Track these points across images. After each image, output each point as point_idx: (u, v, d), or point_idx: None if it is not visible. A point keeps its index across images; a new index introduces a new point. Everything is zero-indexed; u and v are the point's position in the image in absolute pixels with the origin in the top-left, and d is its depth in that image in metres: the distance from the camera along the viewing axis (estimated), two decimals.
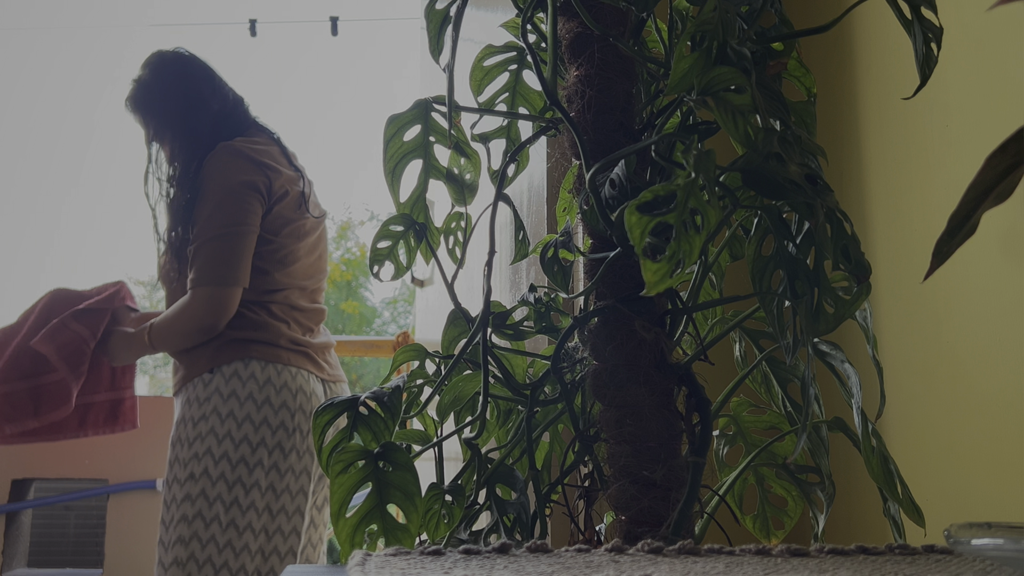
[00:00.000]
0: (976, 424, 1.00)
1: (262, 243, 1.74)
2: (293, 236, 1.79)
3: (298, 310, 1.80)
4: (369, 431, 0.72)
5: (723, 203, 0.64)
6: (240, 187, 1.70)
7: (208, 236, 1.68)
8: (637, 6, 0.70)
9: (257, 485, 1.65)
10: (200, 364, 1.71)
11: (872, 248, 1.20)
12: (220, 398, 1.68)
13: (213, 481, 1.64)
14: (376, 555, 0.55)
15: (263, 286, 1.75)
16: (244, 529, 1.64)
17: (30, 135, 32.61)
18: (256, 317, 1.73)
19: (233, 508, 1.64)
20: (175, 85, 1.82)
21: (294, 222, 1.78)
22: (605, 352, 0.68)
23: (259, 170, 1.73)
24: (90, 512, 3.58)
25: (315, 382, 1.78)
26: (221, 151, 1.73)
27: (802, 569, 0.51)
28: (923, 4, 0.68)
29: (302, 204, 1.80)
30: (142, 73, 1.84)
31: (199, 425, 1.67)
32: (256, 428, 1.67)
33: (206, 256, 1.68)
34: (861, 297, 0.63)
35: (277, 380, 1.71)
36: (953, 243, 0.48)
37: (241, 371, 1.69)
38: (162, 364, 16.26)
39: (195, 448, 1.66)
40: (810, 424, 0.73)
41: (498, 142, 0.85)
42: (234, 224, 1.68)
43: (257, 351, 1.71)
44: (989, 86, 1.00)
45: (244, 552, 1.63)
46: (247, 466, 1.65)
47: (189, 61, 1.86)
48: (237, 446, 1.66)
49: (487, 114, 0.81)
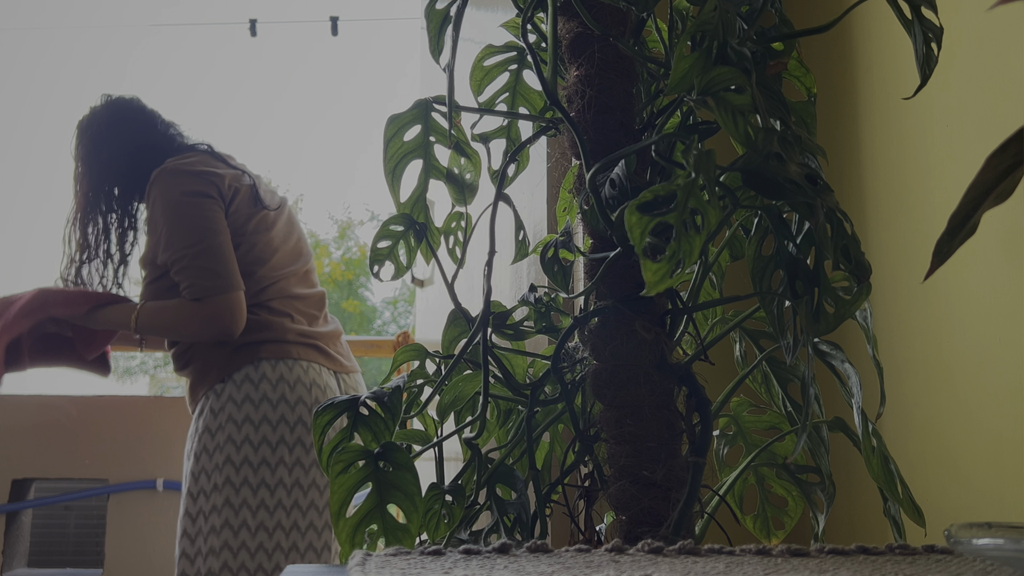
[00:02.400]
0: (976, 424, 1.00)
1: (235, 246, 1.74)
2: (260, 229, 1.78)
3: (296, 298, 1.80)
4: (369, 431, 0.72)
5: (723, 203, 0.64)
6: (192, 198, 1.70)
7: (184, 254, 1.67)
8: (637, 6, 0.70)
9: (282, 484, 1.66)
10: (212, 376, 1.71)
11: (872, 248, 1.20)
12: (234, 405, 1.68)
13: (237, 488, 1.64)
14: (376, 555, 0.55)
15: (253, 287, 1.74)
16: (274, 530, 1.64)
17: (30, 135, 32.60)
18: (257, 318, 1.72)
19: (261, 511, 1.64)
20: (109, 133, 1.85)
21: (255, 216, 1.78)
22: (605, 352, 0.68)
23: (201, 178, 1.73)
24: (90, 512, 3.58)
25: (327, 375, 1.77)
26: (158, 177, 1.74)
27: (802, 569, 0.51)
28: (923, 4, 0.68)
29: (256, 197, 1.79)
30: (83, 120, 1.88)
31: (217, 436, 1.67)
32: (274, 427, 1.67)
33: (194, 273, 1.67)
34: (861, 297, 0.63)
35: (289, 376, 1.70)
36: (953, 243, 0.48)
37: (252, 374, 1.69)
38: (162, 364, 16.26)
39: (215, 459, 1.66)
40: (810, 424, 0.73)
41: (498, 142, 0.85)
42: (203, 239, 1.68)
43: (266, 351, 1.71)
44: (989, 86, 1.00)
45: (277, 551, 1.64)
46: (269, 467, 1.66)
47: (123, 106, 1.88)
48: (257, 449, 1.66)
49: (487, 114, 0.81)
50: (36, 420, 2.38)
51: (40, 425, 2.37)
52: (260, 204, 1.79)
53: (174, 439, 2.39)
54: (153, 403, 2.49)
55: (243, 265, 1.74)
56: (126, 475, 2.36)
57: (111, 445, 2.38)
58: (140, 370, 16.55)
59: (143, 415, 2.41)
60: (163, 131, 1.88)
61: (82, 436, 2.38)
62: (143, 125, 1.86)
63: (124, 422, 2.40)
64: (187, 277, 1.67)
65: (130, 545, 2.34)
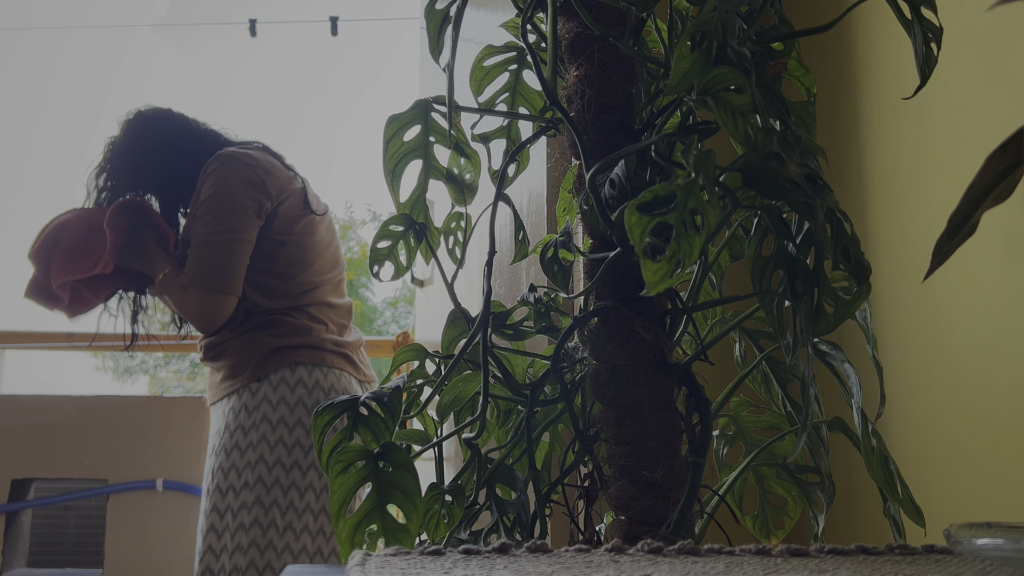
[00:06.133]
0: (976, 424, 1.00)
1: (278, 246, 1.76)
2: (307, 232, 1.80)
3: (331, 308, 1.82)
4: (369, 431, 0.72)
5: (723, 203, 0.64)
6: (239, 194, 1.71)
7: (203, 240, 1.69)
8: (637, 6, 0.70)
9: (311, 487, 1.68)
10: (247, 374, 1.72)
11: (872, 248, 1.20)
12: (269, 405, 1.69)
13: (268, 487, 1.66)
14: (376, 555, 0.55)
15: (295, 290, 1.76)
16: (301, 532, 1.66)
17: (30, 135, 32.58)
18: (297, 322, 1.74)
19: (289, 512, 1.66)
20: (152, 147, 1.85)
21: (302, 219, 1.80)
22: (605, 352, 0.68)
23: (256, 174, 1.74)
24: (90, 512, 3.58)
25: (355, 384, 1.81)
26: (218, 157, 1.75)
27: (802, 569, 0.51)
28: (923, 4, 0.68)
29: (305, 201, 1.81)
30: (117, 138, 1.87)
31: (250, 434, 1.69)
32: (307, 432, 1.69)
33: (199, 259, 1.69)
34: (861, 297, 0.63)
35: (324, 383, 1.73)
36: (953, 243, 0.48)
37: (288, 377, 1.71)
38: (163, 364, 16.26)
39: (248, 457, 1.68)
40: (810, 424, 0.73)
41: (498, 142, 0.85)
42: (229, 231, 1.69)
43: (303, 356, 1.72)
44: (989, 86, 1.00)
45: (302, 554, 1.66)
46: (300, 469, 1.67)
47: (163, 118, 1.88)
48: (290, 451, 1.67)
49: (487, 114, 0.81)
50: (36, 420, 2.38)
51: (40, 425, 2.37)
52: (308, 208, 1.81)
53: (174, 439, 2.39)
54: (153, 403, 2.49)
55: (286, 267, 1.76)
56: (126, 475, 2.36)
57: (111, 445, 2.38)
58: (140, 370, 16.54)
59: (143, 415, 2.41)
60: (204, 130, 1.89)
61: (82, 436, 2.38)
62: (180, 132, 1.87)
63: (124, 422, 2.40)
64: (193, 260, 1.69)
65: (130, 545, 2.34)
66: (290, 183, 1.80)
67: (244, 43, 40.21)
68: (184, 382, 16.09)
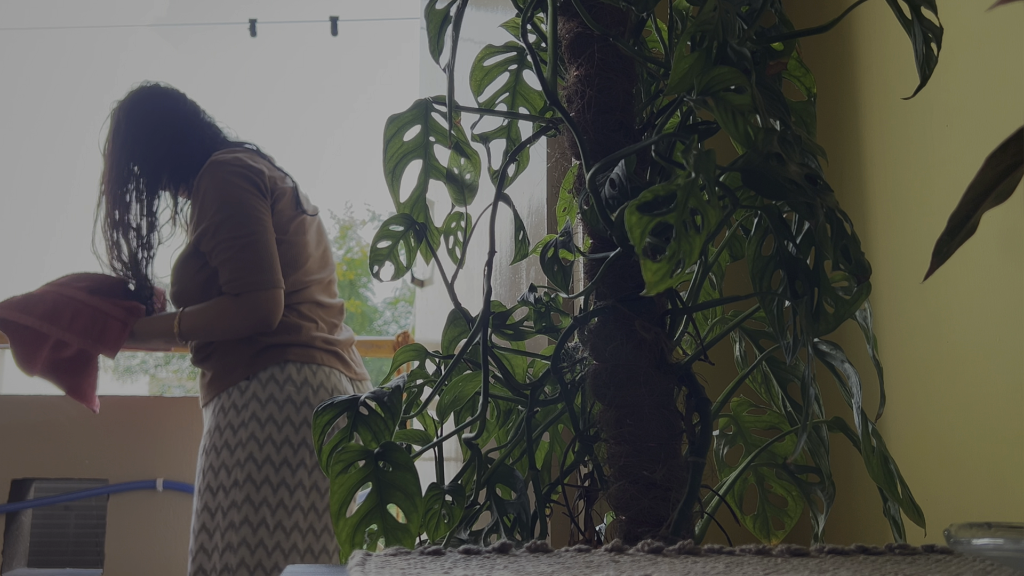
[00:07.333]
0: (976, 424, 1.00)
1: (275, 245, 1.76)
2: (299, 232, 1.80)
3: (321, 307, 1.82)
4: (369, 431, 0.72)
5: (723, 203, 0.64)
6: (243, 193, 1.71)
7: (232, 245, 1.69)
8: (637, 6, 0.70)
9: (301, 485, 1.67)
10: (236, 372, 1.72)
11: (872, 248, 1.20)
12: (258, 403, 1.69)
13: (257, 486, 1.65)
14: (376, 555, 0.55)
15: (286, 289, 1.76)
16: (291, 530, 1.65)
17: (30, 135, 32.57)
18: (288, 320, 1.74)
19: (279, 510, 1.65)
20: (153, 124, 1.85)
21: (295, 219, 1.80)
22: (605, 352, 0.68)
23: (251, 173, 1.75)
24: (90, 512, 3.58)
25: (346, 381, 1.80)
26: (209, 168, 1.74)
27: (802, 569, 0.51)
28: (923, 4, 0.68)
29: (296, 201, 1.81)
30: (115, 118, 1.86)
31: (239, 432, 1.68)
32: (296, 429, 1.68)
33: (240, 263, 1.68)
34: (861, 297, 0.63)
35: (313, 380, 1.72)
36: (953, 243, 0.48)
37: (277, 375, 1.70)
38: (163, 364, 16.26)
39: (237, 455, 1.67)
40: (810, 424, 0.73)
41: (498, 142, 0.85)
42: (252, 232, 1.70)
43: (293, 354, 1.72)
44: (989, 86, 1.00)
45: (293, 552, 1.65)
46: (290, 468, 1.67)
47: (163, 95, 1.88)
48: (279, 449, 1.67)
49: (487, 114, 0.81)
50: (36, 420, 2.37)
51: (40, 425, 2.37)
52: (300, 208, 1.82)
53: (174, 439, 2.39)
54: (153, 403, 2.49)
55: (281, 266, 1.76)
56: (126, 475, 2.36)
57: (111, 445, 2.38)
58: (140, 370, 16.55)
59: (143, 415, 2.41)
60: (207, 122, 1.89)
61: (82, 436, 2.37)
62: (186, 114, 1.87)
63: (124, 422, 2.40)
64: (230, 269, 1.68)
65: (130, 545, 2.34)
66: (282, 181, 1.81)
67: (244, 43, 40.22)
68: (184, 382, 16.10)
